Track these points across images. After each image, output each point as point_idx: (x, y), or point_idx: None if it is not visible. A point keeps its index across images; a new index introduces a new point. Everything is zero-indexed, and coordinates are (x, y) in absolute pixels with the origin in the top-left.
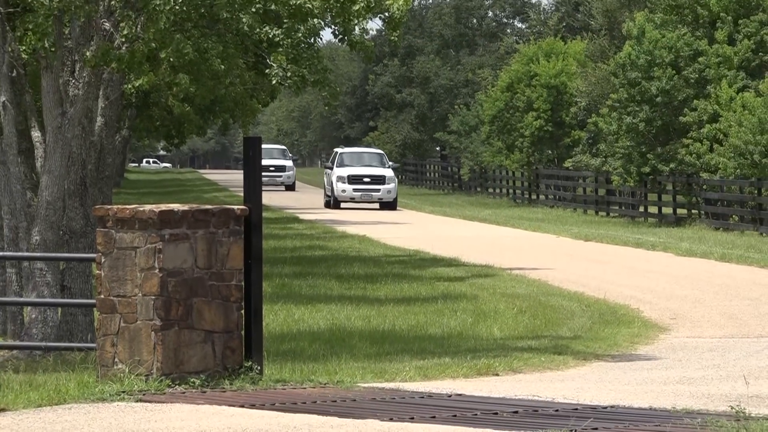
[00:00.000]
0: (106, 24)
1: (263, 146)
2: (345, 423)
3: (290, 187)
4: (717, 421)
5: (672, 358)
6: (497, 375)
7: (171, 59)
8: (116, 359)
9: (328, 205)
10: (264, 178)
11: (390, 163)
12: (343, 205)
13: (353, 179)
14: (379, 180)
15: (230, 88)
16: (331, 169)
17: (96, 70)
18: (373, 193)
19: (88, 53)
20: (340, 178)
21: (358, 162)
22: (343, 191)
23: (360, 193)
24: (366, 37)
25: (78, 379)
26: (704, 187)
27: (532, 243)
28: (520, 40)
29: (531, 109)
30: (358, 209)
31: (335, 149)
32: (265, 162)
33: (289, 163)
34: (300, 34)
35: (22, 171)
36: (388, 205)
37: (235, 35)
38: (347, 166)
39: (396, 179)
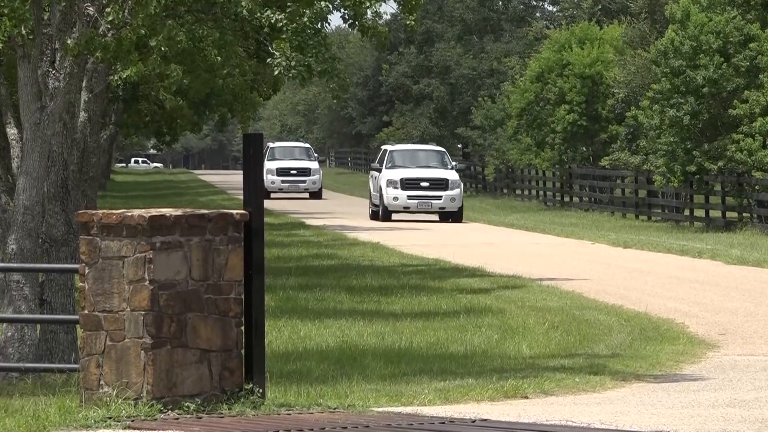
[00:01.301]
0: (90, 8)
1: (283, 145)
2: None
3: (316, 195)
4: None
5: (721, 378)
6: (526, 398)
7: (162, 48)
8: (102, 381)
9: (375, 216)
10: (284, 184)
11: (454, 163)
12: (395, 216)
13: (408, 184)
14: (441, 184)
15: (228, 79)
16: (379, 171)
17: (79, 59)
18: (432, 201)
19: (69, 41)
20: (390, 183)
21: (413, 162)
22: (395, 199)
23: (416, 201)
24: (379, 22)
25: (59, 403)
26: (757, 187)
27: (564, 250)
28: (551, 24)
29: (563, 102)
30: (414, 221)
31: (383, 146)
32: (285, 164)
33: (314, 165)
34: (306, 19)
35: None
36: (452, 216)
37: (233, 20)
38: (400, 167)
39: (461, 184)
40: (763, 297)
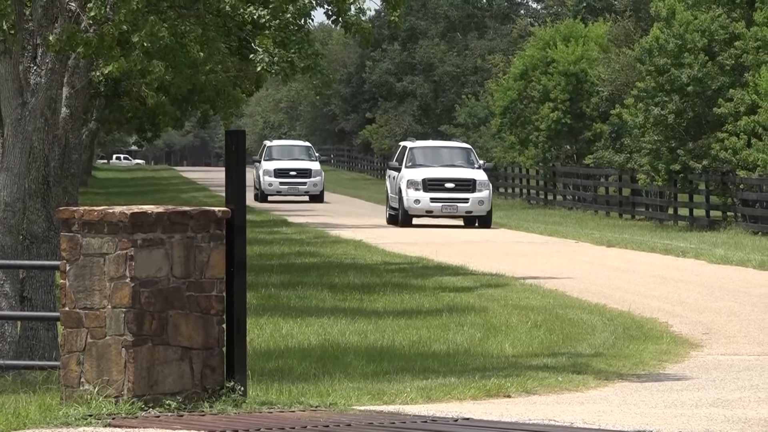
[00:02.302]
0: (72, 4)
1: (281, 143)
2: None
3: (317, 198)
4: None
5: (705, 377)
6: (509, 397)
7: (144, 43)
8: (82, 379)
9: (394, 220)
10: (282, 186)
11: (481, 161)
12: (416, 220)
13: (431, 185)
14: (467, 185)
15: (210, 75)
16: (398, 170)
17: (60, 55)
18: (458, 204)
19: (51, 36)
20: (411, 184)
21: (436, 160)
22: (417, 201)
23: (440, 205)
24: (363, 18)
25: (39, 401)
26: (741, 186)
27: (548, 249)
28: (536, 22)
29: (547, 100)
30: (437, 226)
31: (402, 143)
32: (283, 165)
33: (315, 165)
34: (288, 15)
35: None
36: (480, 221)
37: (215, 16)
38: (421, 166)
39: (490, 185)
40: (747, 297)
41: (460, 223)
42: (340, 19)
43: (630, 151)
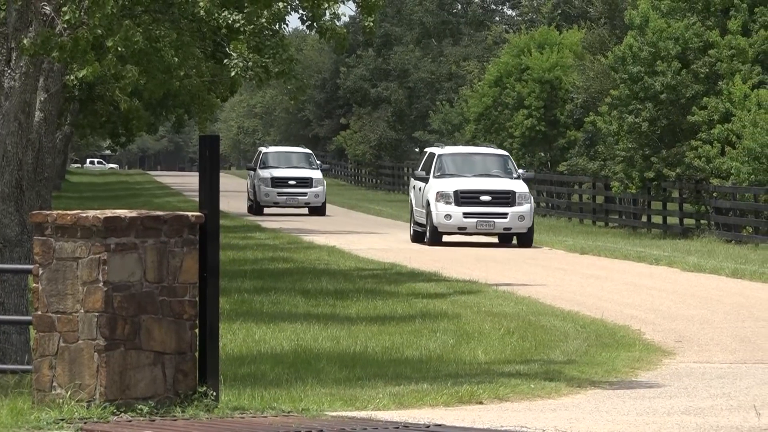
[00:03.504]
0: (47, 8)
1: (278, 150)
2: None
3: (318, 210)
4: None
5: (677, 385)
6: (481, 403)
7: (119, 48)
8: (55, 383)
9: (419, 238)
10: (280, 197)
11: (521, 170)
12: (446, 237)
13: (464, 198)
14: (506, 198)
15: (185, 80)
16: (426, 180)
17: (35, 59)
18: (496, 220)
19: (25, 40)
20: (441, 196)
21: (470, 169)
22: (448, 217)
23: (475, 221)
24: (338, 23)
25: (11, 405)
26: (714, 194)
27: (521, 256)
28: (510, 29)
29: (522, 107)
30: (469, 244)
31: (429, 149)
32: (281, 173)
33: (317, 174)
34: (263, 20)
35: None
36: (520, 239)
37: (190, 21)
38: (452, 175)
39: (531, 198)
40: (720, 304)
41: (491, 240)
42: (314, 24)
43: (604, 158)
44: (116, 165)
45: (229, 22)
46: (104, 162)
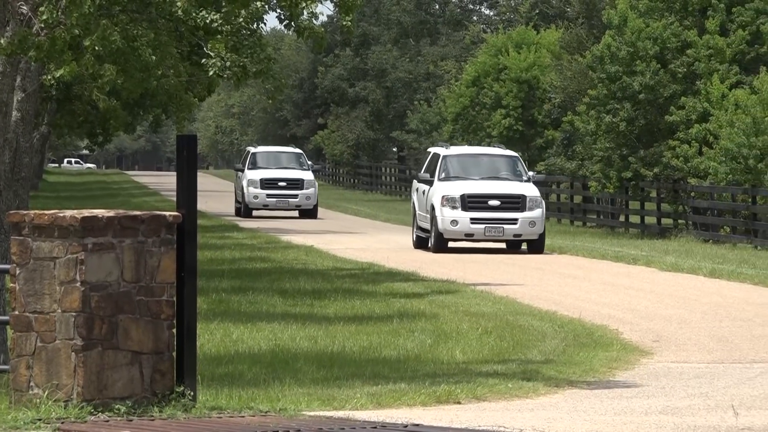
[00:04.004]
0: (24, 7)
1: (267, 150)
2: None
3: (309, 213)
4: None
5: (654, 385)
6: (459, 403)
7: (96, 47)
8: (32, 383)
9: (422, 244)
10: (270, 200)
11: (531, 173)
12: (452, 244)
13: (472, 202)
14: (516, 203)
15: (162, 80)
16: (430, 183)
17: (12, 58)
18: (505, 226)
19: (2, 40)
20: (447, 201)
21: (476, 171)
22: (454, 223)
23: (483, 227)
24: (315, 22)
25: None
26: (692, 194)
27: (499, 256)
28: (488, 28)
29: (499, 106)
30: (472, 251)
31: (432, 149)
32: (271, 174)
33: (308, 175)
34: (241, 20)
35: None
36: (530, 246)
37: (168, 20)
38: (457, 178)
39: (543, 202)
40: (697, 304)
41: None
42: (292, 23)
43: (582, 158)
44: (94, 165)
45: (207, 21)
46: (82, 162)
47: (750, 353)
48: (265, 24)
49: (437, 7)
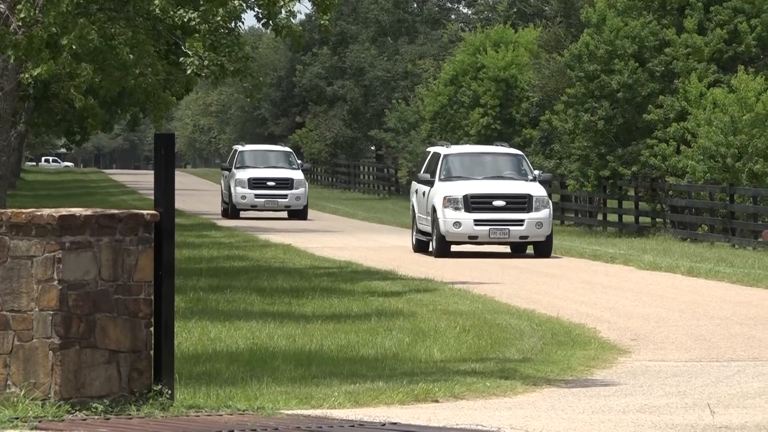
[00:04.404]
0: (1, 6)
1: (255, 148)
2: None
3: (299, 214)
4: None
5: (632, 383)
6: (437, 401)
7: (73, 46)
8: (9, 382)
9: (422, 247)
10: (258, 200)
11: (536, 172)
12: (455, 247)
13: (476, 203)
14: (521, 203)
15: (140, 78)
16: (430, 184)
17: None
18: (510, 228)
19: None
20: (450, 202)
21: (479, 170)
22: (457, 225)
23: (488, 228)
24: (293, 21)
25: None
26: (670, 192)
27: (476, 254)
28: (466, 27)
29: (477, 105)
30: (476, 255)
31: (432, 149)
32: (259, 173)
33: (297, 175)
34: (219, 18)
35: None
36: (537, 249)
37: (145, 19)
38: (459, 178)
39: (550, 202)
40: (675, 303)
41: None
42: (270, 22)
43: (560, 156)
44: (71, 163)
45: (185, 20)
46: (59, 160)
47: (727, 352)
48: (242, 22)
49: (415, 5)
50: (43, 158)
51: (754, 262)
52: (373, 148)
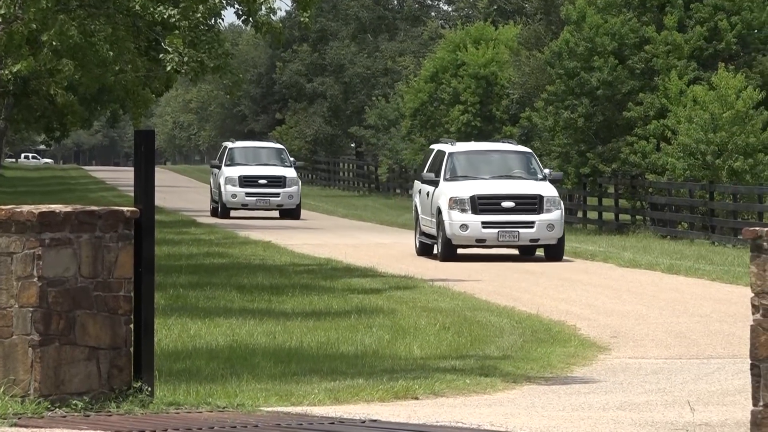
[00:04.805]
0: None
1: (245, 145)
2: None
3: (291, 213)
4: None
5: (612, 381)
6: (417, 399)
7: (53, 42)
8: None
9: (426, 250)
10: (249, 199)
11: (546, 170)
12: (461, 251)
13: (484, 204)
14: (531, 204)
15: (120, 75)
16: (435, 184)
17: None
18: (520, 230)
19: None
20: (456, 203)
21: (487, 169)
22: (464, 228)
23: (497, 231)
24: (273, 18)
25: None
26: (650, 190)
27: (483, 257)
28: (446, 24)
29: (457, 102)
30: (483, 259)
31: (435, 146)
32: (250, 171)
33: (290, 172)
34: (199, 15)
35: None
36: (548, 252)
37: (125, 16)
38: (466, 178)
39: (561, 203)
40: (655, 300)
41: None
42: (250, 19)
43: (540, 154)
44: (51, 160)
45: (165, 17)
46: (39, 157)
47: (707, 349)
48: (222, 19)
49: (395, 2)
50: (22, 155)
51: (734, 260)
52: (353, 145)
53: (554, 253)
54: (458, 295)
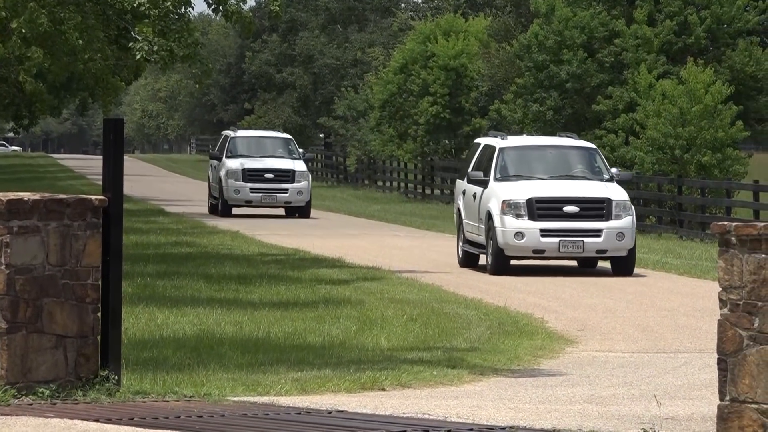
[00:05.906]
0: None
1: (250, 134)
2: None
3: (300, 211)
4: None
5: (579, 374)
6: (383, 390)
7: (23, 30)
8: None
9: (471, 261)
10: (255, 194)
11: (614, 170)
12: (515, 262)
13: (542, 208)
14: (598, 210)
15: (89, 63)
16: (484, 184)
17: None
18: (585, 240)
19: None
20: (510, 207)
21: (543, 167)
22: (519, 236)
23: (558, 240)
24: (243, 7)
25: None
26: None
27: (425, 243)
28: (416, 15)
29: (427, 94)
30: (538, 271)
31: (481, 140)
32: (256, 164)
33: (299, 166)
34: (169, 4)
35: None
36: (615, 265)
37: (95, 4)
38: (518, 177)
39: (632, 208)
40: (623, 294)
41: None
42: (220, 8)
43: None
44: (19, 147)
45: (135, 5)
46: (7, 144)
47: (674, 343)
48: (192, 8)
49: None
50: None
51: (702, 254)
52: (321, 135)
53: (623, 266)
54: (426, 287)
